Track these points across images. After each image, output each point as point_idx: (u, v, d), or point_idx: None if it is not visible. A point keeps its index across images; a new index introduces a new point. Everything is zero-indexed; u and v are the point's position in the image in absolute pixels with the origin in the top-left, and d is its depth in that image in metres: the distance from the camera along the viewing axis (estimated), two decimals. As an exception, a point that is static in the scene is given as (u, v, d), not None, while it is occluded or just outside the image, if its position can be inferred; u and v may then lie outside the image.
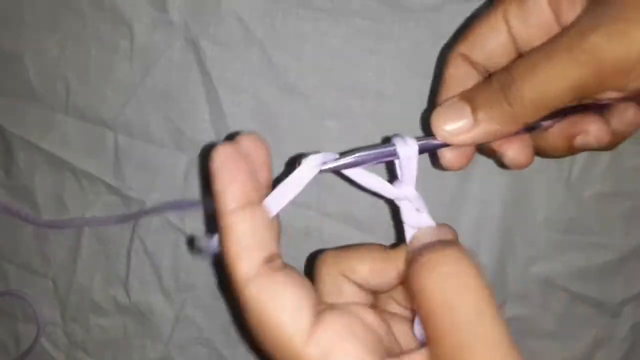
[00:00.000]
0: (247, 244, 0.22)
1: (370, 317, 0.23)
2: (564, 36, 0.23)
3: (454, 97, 0.25)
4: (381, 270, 0.25)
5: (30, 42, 0.37)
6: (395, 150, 0.24)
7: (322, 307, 0.22)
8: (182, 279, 0.38)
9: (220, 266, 0.24)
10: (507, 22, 0.25)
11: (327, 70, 0.34)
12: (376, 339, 0.22)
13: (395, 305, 0.27)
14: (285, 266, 0.23)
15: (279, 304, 0.21)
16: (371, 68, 0.34)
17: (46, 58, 0.36)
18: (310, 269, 0.27)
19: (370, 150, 0.24)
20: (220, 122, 0.35)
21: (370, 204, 0.34)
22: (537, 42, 0.24)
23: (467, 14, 0.32)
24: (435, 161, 0.28)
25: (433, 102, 0.33)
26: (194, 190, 0.36)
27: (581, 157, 0.33)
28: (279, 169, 0.35)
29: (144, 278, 0.38)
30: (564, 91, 0.22)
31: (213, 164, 0.22)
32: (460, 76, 0.26)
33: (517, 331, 0.36)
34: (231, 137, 0.24)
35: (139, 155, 0.36)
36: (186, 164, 0.36)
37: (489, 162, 0.34)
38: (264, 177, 0.24)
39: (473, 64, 0.26)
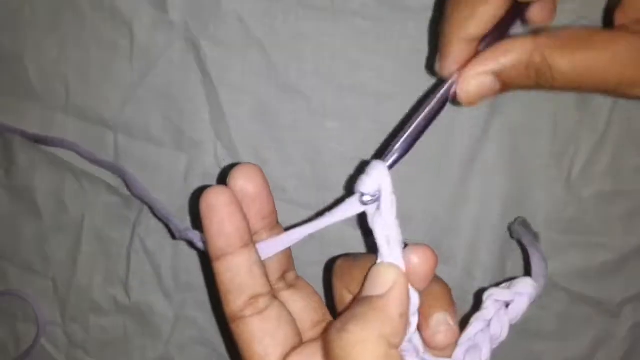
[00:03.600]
0: (228, 289, 0.24)
1: None
2: None
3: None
4: None
5: (30, 42, 0.37)
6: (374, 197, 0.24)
7: (292, 349, 0.24)
8: (182, 279, 0.38)
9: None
10: None
11: (327, 70, 0.34)
12: None
13: None
14: (268, 306, 0.24)
15: (249, 350, 0.24)
16: (371, 68, 0.34)
17: (46, 58, 0.36)
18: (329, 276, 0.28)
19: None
20: (220, 122, 0.35)
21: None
22: None
23: (467, 14, 0.32)
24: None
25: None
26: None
27: (581, 157, 0.33)
28: (279, 169, 0.35)
29: (144, 278, 0.38)
30: None
31: (201, 209, 0.24)
32: None
33: (517, 331, 0.36)
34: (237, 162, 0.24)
35: (139, 155, 0.36)
36: (186, 164, 0.36)
37: (489, 162, 0.34)
38: (261, 208, 0.25)
39: None
